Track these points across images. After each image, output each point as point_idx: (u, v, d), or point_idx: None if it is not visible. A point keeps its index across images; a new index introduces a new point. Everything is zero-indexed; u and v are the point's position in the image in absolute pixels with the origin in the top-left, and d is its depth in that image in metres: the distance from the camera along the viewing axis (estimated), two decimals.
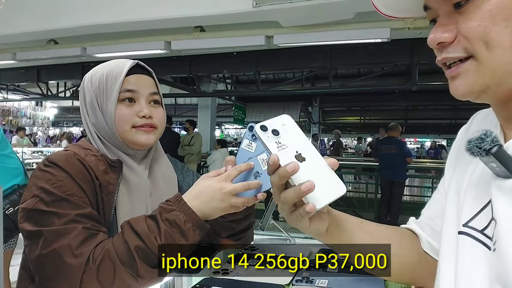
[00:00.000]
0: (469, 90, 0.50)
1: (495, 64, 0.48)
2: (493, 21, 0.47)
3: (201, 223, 0.79)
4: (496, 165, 0.48)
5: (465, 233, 0.53)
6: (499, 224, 0.48)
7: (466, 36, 0.49)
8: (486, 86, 0.49)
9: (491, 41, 0.47)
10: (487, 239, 0.50)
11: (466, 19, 0.48)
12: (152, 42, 5.12)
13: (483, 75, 0.48)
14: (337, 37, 4.59)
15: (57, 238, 0.76)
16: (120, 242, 0.77)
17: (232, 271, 0.92)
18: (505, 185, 0.48)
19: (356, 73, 9.77)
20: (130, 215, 0.87)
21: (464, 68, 0.50)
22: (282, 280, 0.86)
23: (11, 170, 1.88)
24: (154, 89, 0.94)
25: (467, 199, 0.55)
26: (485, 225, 0.51)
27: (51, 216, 0.77)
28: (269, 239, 1.35)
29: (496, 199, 0.50)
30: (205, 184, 0.81)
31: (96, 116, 0.91)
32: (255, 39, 4.78)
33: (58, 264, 0.75)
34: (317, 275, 0.89)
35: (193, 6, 4.27)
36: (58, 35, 5.39)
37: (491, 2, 0.47)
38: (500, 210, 0.48)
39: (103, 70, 0.92)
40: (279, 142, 0.54)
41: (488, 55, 0.47)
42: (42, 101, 12.50)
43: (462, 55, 0.49)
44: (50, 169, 0.82)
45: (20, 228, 0.81)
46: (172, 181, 1.01)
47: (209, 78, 8.66)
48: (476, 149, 0.47)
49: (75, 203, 0.80)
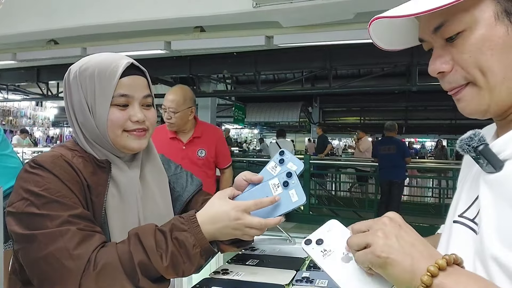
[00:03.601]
0: (475, 111, 0.58)
1: (491, 87, 0.55)
2: (480, 52, 0.55)
3: (209, 249, 0.79)
4: (483, 161, 0.56)
5: (458, 222, 0.62)
6: (481, 211, 0.56)
7: (462, 66, 0.57)
8: (488, 106, 0.57)
9: (483, 68, 0.55)
10: (475, 225, 0.58)
11: (459, 51, 0.57)
12: (152, 42, 5.12)
13: (484, 98, 0.57)
14: (337, 37, 4.59)
15: (52, 241, 0.74)
16: (125, 251, 0.76)
17: (232, 271, 0.92)
18: (489, 178, 0.56)
19: (356, 74, 9.78)
20: (121, 216, 0.87)
21: (465, 93, 0.58)
22: (282, 280, 0.86)
23: (11, 169, 1.88)
24: (147, 91, 0.91)
25: (463, 194, 0.64)
26: (475, 215, 0.59)
27: (43, 219, 0.76)
28: (269, 239, 1.36)
29: (482, 191, 0.58)
30: (221, 210, 0.80)
31: (84, 116, 0.88)
32: (255, 39, 4.78)
33: (56, 267, 0.74)
34: (317, 275, 0.89)
35: (193, 6, 4.26)
36: (58, 35, 5.38)
37: (475, 36, 0.55)
38: (484, 200, 0.57)
39: (94, 67, 0.87)
40: (324, 250, 0.59)
41: (485, 80, 0.55)
42: (42, 101, 12.49)
43: (463, 83, 0.58)
44: (37, 171, 0.80)
45: (10, 232, 0.79)
46: (162, 182, 1.00)
47: (209, 78, 8.65)
48: (465, 146, 0.56)
49: (66, 204, 0.78)
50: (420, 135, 18.23)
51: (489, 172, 0.56)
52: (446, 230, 0.67)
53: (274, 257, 0.96)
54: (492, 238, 0.53)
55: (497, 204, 0.54)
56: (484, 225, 0.54)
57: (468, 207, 0.62)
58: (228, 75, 9.69)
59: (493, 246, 0.52)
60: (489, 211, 0.55)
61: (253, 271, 0.93)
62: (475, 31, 0.55)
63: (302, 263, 0.99)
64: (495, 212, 0.54)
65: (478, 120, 0.63)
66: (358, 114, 16.44)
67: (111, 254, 0.75)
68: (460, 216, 0.63)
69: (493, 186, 0.56)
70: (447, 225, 0.66)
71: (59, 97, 9.53)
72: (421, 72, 6.00)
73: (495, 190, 0.55)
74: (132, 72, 0.89)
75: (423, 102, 12.93)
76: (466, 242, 0.59)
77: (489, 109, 0.57)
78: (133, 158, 0.94)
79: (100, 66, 0.86)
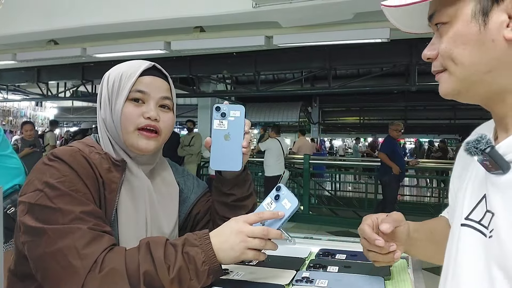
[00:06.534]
0: (446, 92, 0.64)
1: (460, 76, 0.61)
2: (455, 45, 0.60)
3: (217, 269, 0.78)
4: (490, 163, 0.57)
5: (466, 225, 0.63)
6: (497, 216, 0.57)
7: (441, 54, 0.63)
8: (457, 91, 0.63)
9: (456, 59, 0.60)
10: (483, 228, 0.59)
11: (441, 41, 0.63)
12: (152, 42, 5.12)
13: (454, 83, 0.62)
14: (336, 37, 4.59)
15: (61, 238, 0.75)
16: (134, 261, 0.75)
17: (232, 271, 0.92)
18: (499, 181, 0.57)
19: (355, 74, 9.77)
20: (130, 215, 0.88)
21: (441, 77, 0.64)
22: (282, 280, 0.86)
23: (11, 170, 1.89)
24: (166, 94, 0.93)
25: (467, 196, 0.66)
26: (481, 217, 0.60)
27: (55, 213, 0.76)
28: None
29: (491, 193, 0.59)
30: (226, 225, 0.83)
31: (106, 112, 0.91)
32: (255, 39, 4.78)
33: (63, 264, 0.74)
34: (317, 275, 0.89)
35: (193, 6, 4.26)
36: (58, 35, 5.38)
37: (453, 29, 0.60)
38: (496, 203, 0.57)
39: (121, 69, 0.92)
40: None
41: (455, 69, 0.61)
42: (42, 101, 12.49)
43: (441, 69, 0.64)
44: (55, 164, 0.81)
45: (20, 222, 0.79)
46: (172, 185, 1.01)
47: (209, 78, 8.65)
48: (473, 149, 0.57)
49: (79, 199, 0.79)
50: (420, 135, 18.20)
51: (496, 173, 0.58)
52: (453, 233, 0.68)
53: (274, 257, 0.97)
54: None
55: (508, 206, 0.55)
56: (504, 232, 0.55)
57: (472, 209, 0.63)
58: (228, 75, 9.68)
59: None
60: (503, 213, 0.56)
61: (253, 271, 0.93)
62: (454, 25, 0.60)
63: (302, 263, 0.99)
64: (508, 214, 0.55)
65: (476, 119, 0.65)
66: (358, 114, 16.44)
67: (119, 260, 0.75)
68: (466, 219, 0.63)
69: (503, 188, 0.57)
70: (455, 228, 0.67)
71: (59, 97, 9.53)
72: (420, 72, 5.99)
73: (505, 192, 0.56)
74: (154, 73, 0.93)
75: (423, 102, 12.91)
76: (475, 245, 0.60)
77: (460, 94, 0.63)
78: (145, 162, 0.95)
79: (125, 67, 0.92)
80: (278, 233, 0.81)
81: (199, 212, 1.05)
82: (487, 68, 0.59)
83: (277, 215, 0.82)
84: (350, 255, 1.04)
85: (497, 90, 0.60)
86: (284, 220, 0.83)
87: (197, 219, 1.05)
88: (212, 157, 0.91)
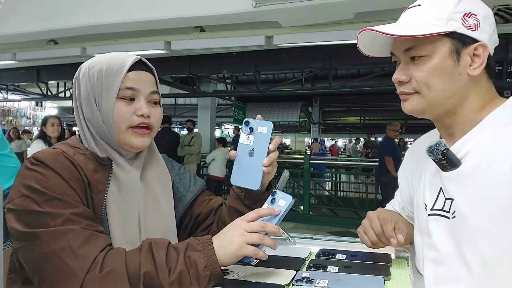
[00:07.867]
0: (414, 110, 0.82)
1: (430, 99, 0.79)
2: (432, 74, 0.77)
3: (219, 274, 0.78)
4: (446, 162, 0.78)
5: (433, 214, 0.83)
6: (456, 200, 0.78)
7: (416, 80, 0.79)
8: (423, 110, 0.81)
9: (431, 86, 0.78)
10: (446, 213, 0.80)
11: (418, 69, 0.78)
12: (152, 42, 5.11)
13: (422, 104, 0.80)
14: (337, 37, 4.58)
15: (54, 240, 0.74)
16: (135, 260, 0.75)
17: (232, 271, 0.92)
18: (452, 174, 0.79)
19: (356, 74, 9.77)
20: (121, 215, 0.86)
21: (411, 98, 0.81)
22: (282, 280, 0.86)
23: (10, 169, 1.88)
24: (154, 88, 0.92)
25: (426, 191, 0.86)
26: (442, 205, 0.81)
27: (44, 217, 0.75)
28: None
29: (447, 185, 0.80)
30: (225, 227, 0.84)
31: (91, 111, 0.88)
32: (255, 39, 4.78)
33: (59, 266, 0.73)
34: (317, 275, 0.89)
35: (193, 6, 4.26)
36: (58, 35, 5.38)
37: (432, 62, 0.77)
38: (453, 191, 0.79)
39: (102, 64, 0.88)
40: None
41: (428, 94, 0.79)
42: (42, 101, 12.50)
43: (412, 91, 0.80)
44: (38, 168, 0.79)
45: (10, 229, 0.77)
46: (165, 182, 0.99)
47: (209, 78, 8.66)
48: (436, 150, 0.78)
49: (67, 202, 0.77)
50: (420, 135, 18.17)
51: (450, 170, 0.79)
52: (421, 222, 0.87)
53: (274, 257, 0.96)
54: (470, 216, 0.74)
55: (465, 191, 0.76)
56: (464, 211, 0.75)
57: (434, 202, 0.83)
58: (228, 75, 9.69)
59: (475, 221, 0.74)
60: (460, 196, 0.76)
61: (253, 271, 0.92)
62: (433, 59, 0.77)
63: (302, 263, 0.99)
64: (465, 197, 0.76)
65: None
66: (358, 114, 16.44)
67: (119, 261, 0.74)
68: (432, 210, 0.83)
69: (457, 178, 0.78)
70: (422, 218, 0.87)
71: (59, 97, 9.53)
72: None
73: (458, 180, 0.77)
74: (140, 68, 0.90)
75: None
76: (443, 227, 0.80)
77: (424, 113, 0.81)
78: (135, 156, 0.94)
79: (108, 63, 0.88)
80: (275, 227, 0.82)
81: (200, 214, 1.03)
82: (450, 94, 0.77)
83: (273, 211, 0.84)
84: (350, 255, 1.03)
85: (449, 110, 0.80)
86: (280, 215, 0.84)
87: (198, 221, 1.04)
88: (234, 172, 0.89)
